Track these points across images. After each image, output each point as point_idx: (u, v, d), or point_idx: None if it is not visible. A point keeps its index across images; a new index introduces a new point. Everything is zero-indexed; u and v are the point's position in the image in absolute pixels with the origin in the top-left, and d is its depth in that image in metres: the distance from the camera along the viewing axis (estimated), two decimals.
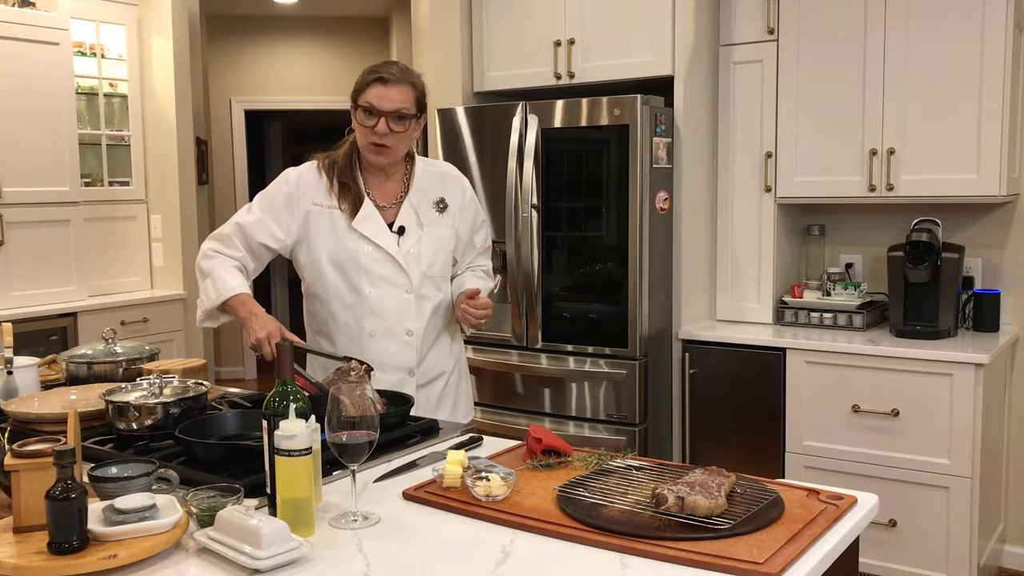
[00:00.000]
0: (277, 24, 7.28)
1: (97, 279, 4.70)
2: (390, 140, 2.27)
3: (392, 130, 2.26)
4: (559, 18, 3.78)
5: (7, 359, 2.29)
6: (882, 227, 3.75)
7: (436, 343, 2.45)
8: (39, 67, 4.30)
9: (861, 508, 1.61)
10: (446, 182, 2.46)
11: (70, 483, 1.38)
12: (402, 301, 2.35)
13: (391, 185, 2.39)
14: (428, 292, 2.39)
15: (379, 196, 2.37)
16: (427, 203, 2.40)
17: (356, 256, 2.33)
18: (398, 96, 2.26)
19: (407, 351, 2.37)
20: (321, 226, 2.34)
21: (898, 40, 3.36)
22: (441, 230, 2.41)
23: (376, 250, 2.32)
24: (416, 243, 2.36)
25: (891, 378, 3.22)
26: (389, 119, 2.25)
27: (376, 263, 2.33)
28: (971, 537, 3.13)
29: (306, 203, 2.35)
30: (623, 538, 1.44)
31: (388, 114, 2.24)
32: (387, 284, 2.34)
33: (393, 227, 2.35)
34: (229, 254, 2.37)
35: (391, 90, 2.26)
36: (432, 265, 2.38)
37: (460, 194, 2.47)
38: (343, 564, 1.40)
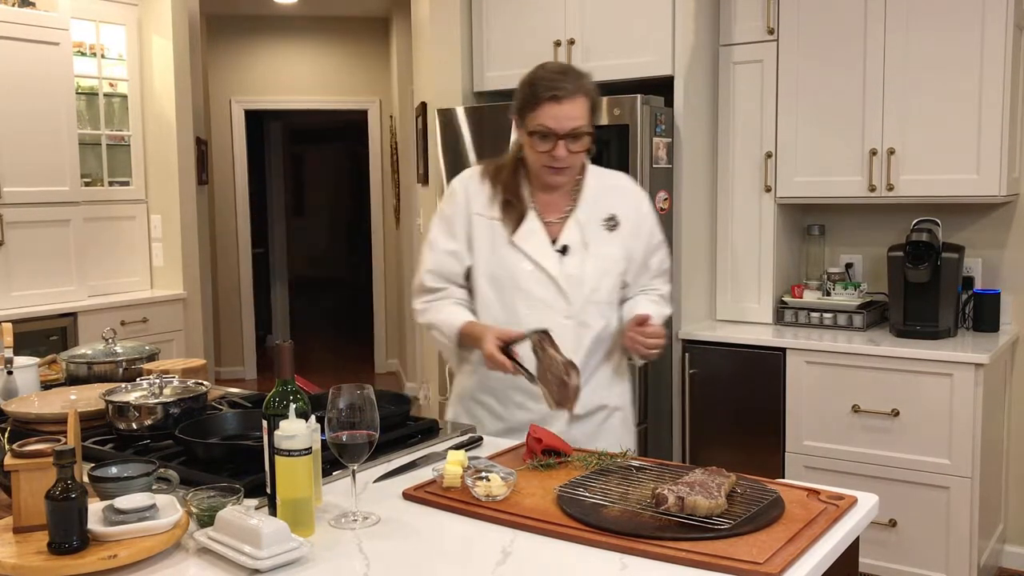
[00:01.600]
0: (277, 24, 7.28)
1: (97, 279, 4.70)
2: (568, 161, 2.06)
3: (571, 151, 2.04)
4: (559, 18, 3.78)
5: (7, 359, 2.29)
6: (882, 227, 3.75)
7: (596, 374, 2.19)
8: (39, 67, 4.30)
9: (861, 508, 1.61)
10: (619, 196, 2.21)
11: (70, 483, 1.38)
12: (560, 327, 2.07)
13: (559, 198, 2.16)
14: (590, 319, 2.15)
15: (545, 210, 2.15)
16: (596, 220, 2.15)
17: (514, 274, 2.12)
18: (575, 112, 2.02)
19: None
20: (482, 238, 2.15)
21: (898, 40, 3.36)
22: (609, 250, 2.16)
23: (536, 269, 2.11)
24: (580, 264, 2.12)
25: (891, 378, 3.22)
26: (567, 141, 2.02)
27: (535, 283, 2.12)
28: (971, 537, 3.13)
29: (470, 213, 2.17)
30: (623, 538, 1.44)
31: (565, 136, 2.02)
32: (545, 307, 2.11)
33: (556, 245, 2.13)
34: (435, 297, 2.20)
35: (566, 107, 2.01)
36: (596, 290, 2.14)
37: (634, 210, 2.21)
38: (343, 564, 1.40)
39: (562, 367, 1.82)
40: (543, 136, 2.03)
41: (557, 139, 2.02)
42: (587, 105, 2.04)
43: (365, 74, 7.47)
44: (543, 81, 2.04)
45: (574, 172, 2.13)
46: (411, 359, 6.59)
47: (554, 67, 2.10)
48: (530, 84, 2.07)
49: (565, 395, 1.66)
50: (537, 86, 2.05)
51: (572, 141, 2.03)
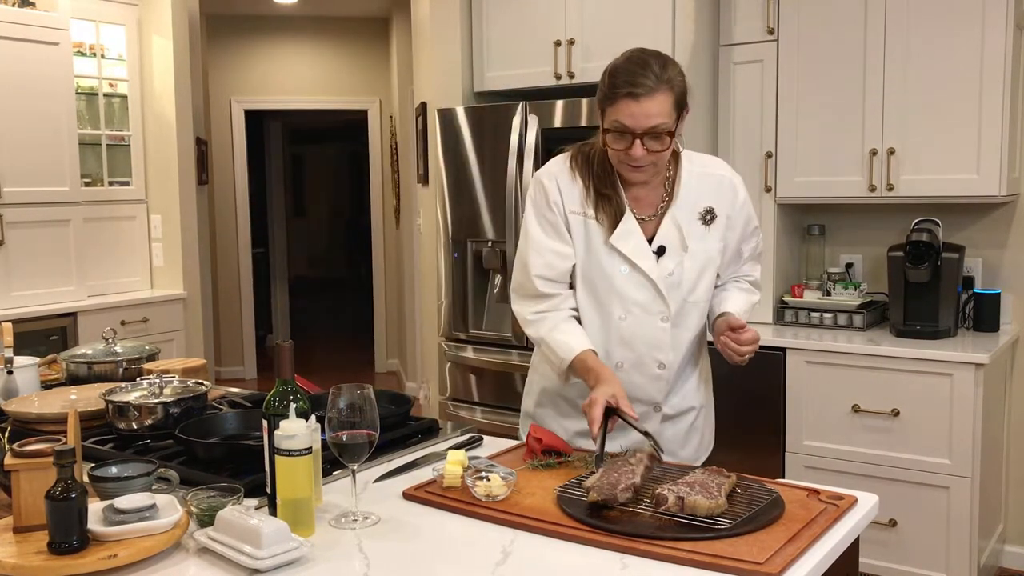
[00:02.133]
0: (277, 24, 7.28)
1: (97, 279, 4.70)
2: (648, 159, 1.91)
3: (649, 151, 1.89)
4: (559, 18, 3.78)
5: (7, 359, 2.29)
6: (882, 227, 3.75)
7: (684, 374, 2.13)
8: (39, 67, 4.30)
9: (861, 508, 1.61)
10: (715, 186, 2.06)
11: (70, 483, 1.38)
12: (658, 331, 2.02)
13: (652, 193, 2.03)
14: (688, 321, 2.06)
15: (638, 206, 2.02)
16: (693, 215, 2.02)
17: (611, 276, 2.01)
18: (654, 110, 1.86)
19: (657, 384, 2.07)
20: (577, 238, 2.03)
21: (898, 40, 3.36)
22: (707, 246, 2.03)
23: (634, 271, 2.00)
24: (678, 265, 2.01)
25: (891, 378, 3.22)
26: (644, 139, 1.88)
27: (633, 286, 2.00)
28: (971, 537, 3.13)
29: (565, 211, 2.04)
30: (623, 538, 1.44)
31: (642, 135, 1.87)
32: (642, 311, 2.01)
33: (653, 244, 2.01)
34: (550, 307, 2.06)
35: (644, 105, 1.85)
36: (695, 290, 2.04)
37: (731, 200, 2.07)
38: (343, 564, 1.40)
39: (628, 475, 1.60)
40: (620, 134, 1.89)
41: (634, 138, 1.88)
42: (670, 101, 1.88)
43: (365, 74, 7.47)
44: (622, 75, 1.88)
45: (657, 170, 1.98)
46: (411, 359, 6.59)
47: (637, 58, 1.91)
48: (610, 75, 1.92)
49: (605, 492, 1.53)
50: (616, 79, 1.89)
51: (652, 139, 1.88)
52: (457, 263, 3.83)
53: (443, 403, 3.95)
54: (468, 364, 3.85)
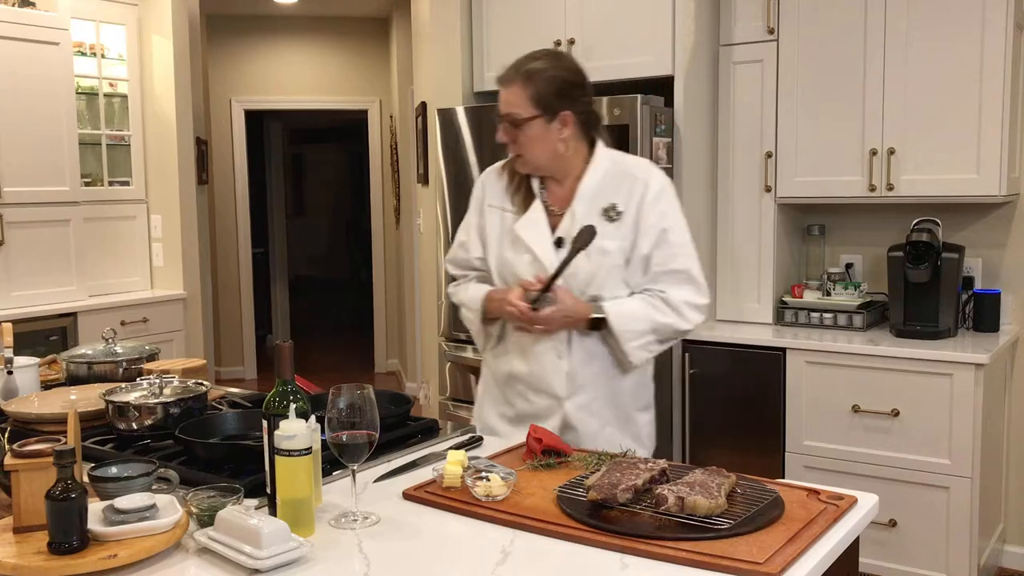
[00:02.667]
0: (277, 24, 7.28)
1: (97, 279, 4.70)
2: (514, 148, 2.07)
3: (509, 136, 2.06)
4: (559, 18, 3.78)
5: (7, 359, 2.29)
6: (882, 227, 3.75)
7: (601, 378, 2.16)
8: (39, 67, 4.30)
9: (861, 508, 1.61)
10: (625, 184, 2.11)
11: (70, 483, 1.38)
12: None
13: (564, 190, 2.13)
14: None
15: (554, 200, 2.14)
16: (595, 211, 2.09)
17: (515, 264, 2.12)
18: (507, 98, 2.05)
19: (556, 377, 2.12)
20: (493, 229, 2.18)
21: (898, 40, 3.36)
22: (607, 243, 2.06)
23: (535, 261, 2.09)
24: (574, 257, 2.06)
25: (891, 378, 3.22)
26: (505, 125, 2.06)
27: (533, 274, 2.08)
28: (971, 537, 3.13)
29: (484, 205, 2.22)
30: (623, 538, 1.44)
31: (503, 120, 2.06)
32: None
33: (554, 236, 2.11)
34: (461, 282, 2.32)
35: (503, 92, 2.06)
36: (590, 284, 2.07)
37: (638, 198, 2.10)
38: (343, 564, 1.40)
39: (629, 476, 1.62)
40: (499, 119, 2.08)
41: (499, 121, 2.07)
42: (523, 93, 2.02)
43: (365, 74, 7.47)
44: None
45: (531, 161, 2.09)
46: (411, 359, 6.59)
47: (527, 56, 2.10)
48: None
49: (605, 492, 1.56)
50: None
51: (510, 126, 2.05)
52: None
53: (443, 403, 3.95)
54: (468, 364, 3.84)
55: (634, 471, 1.60)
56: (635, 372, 2.23)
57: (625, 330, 2.08)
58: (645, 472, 1.61)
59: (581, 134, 2.11)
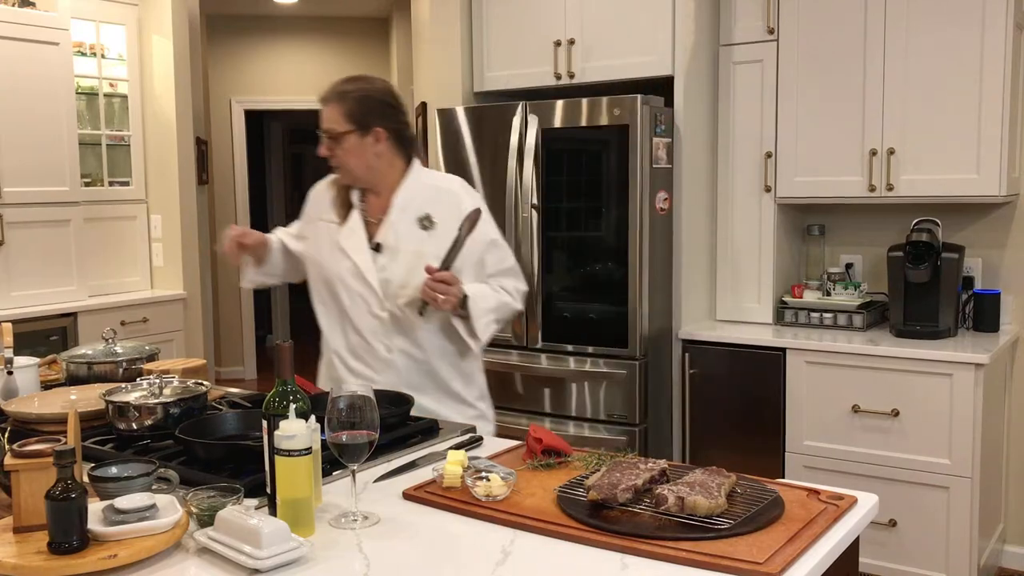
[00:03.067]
0: (277, 24, 7.28)
1: (97, 279, 4.70)
2: (334, 161, 2.32)
3: (330, 151, 2.31)
4: (559, 18, 3.78)
5: (7, 359, 2.29)
6: (882, 227, 3.75)
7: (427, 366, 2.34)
8: (39, 67, 4.30)
9: (861, 508, 1.61)
10: (440, 197, 2.35)
11: (70, 483, 1.38)
12: (374, 320, 2.31)
13: (381, 201, 2.35)
14: (407, 315, 2.29)
15: (372, 210, 2.36)
16: (410, 220, 2.32)
17: (339, 271, 2.34)
18: (326, 115, 2.30)
19: (390, 371, 2.31)
20: (320, 240, 2.40)
21: (898, 40, 3.36)
22: (422, 248, 2.28)
23: (354, 267, 2.32)
24: (390, 262, 2.30)
25: (891, 378, 3.22)
26: (326, 140, 2.30)
27: (354, 279, 2.32)
28: (971, 537, 3.13)
29: (317, 218, 2.43)
30: (623, 538, 1.44)
31: (323, 134, 2.30)
32: (362, 300, 2.32)
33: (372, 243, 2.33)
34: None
35: (323, 110, 2.32)
36: (405, 287, 2.28)
37: (454, 210, 2.30)
38: (343, 564, 1.40)
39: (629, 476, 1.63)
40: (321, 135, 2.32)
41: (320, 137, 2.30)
42: (341, 110, 2.28)
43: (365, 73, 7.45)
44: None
45: (350, 173, 2.32)
46: None
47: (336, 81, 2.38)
48: None
49: (605, 492, 1.58)
50: None
51: (330, 141, 2.29)
52: None
53: None
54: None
55: (634, 471, 1.60)
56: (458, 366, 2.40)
57: (480, 308, 2.29)
58: (645, 472, 1.61)
59: (396, 150, 2.34)
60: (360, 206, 2.36)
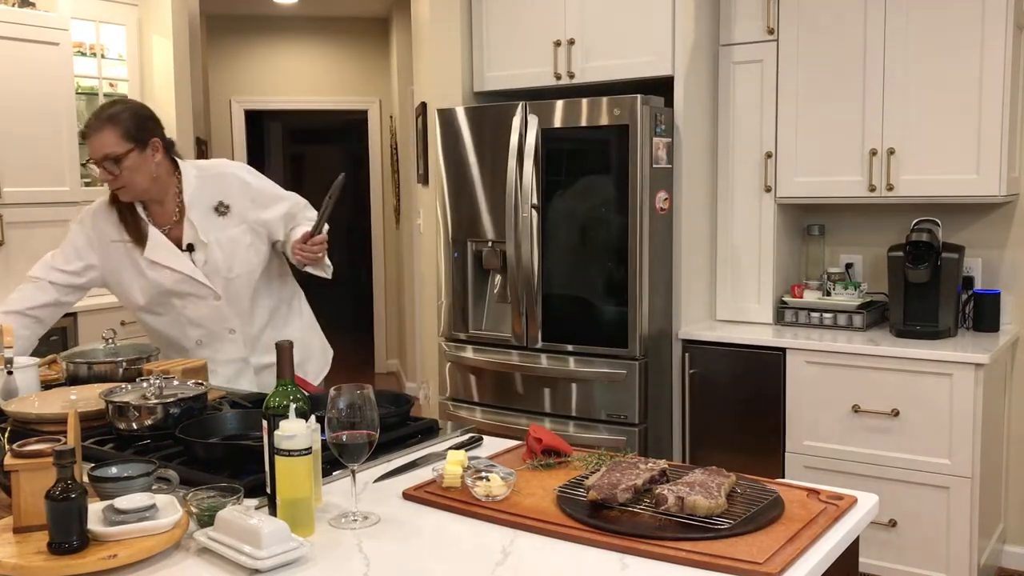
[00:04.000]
0: (277, 24, 7.28)
1: None
2: (116, 182, 2.37)
3: (111, 173, 2.35)
4: (559, 18, 3.78)
5: (7, 359, 2.29)
6: (882, 227, 3.75)
7: (271, 322, 2.62)
8: (39, 67, 4.30)
9: (861, 508, 1.61)
10: (221, 182, 2.51)
11: (70, 483, 1.38)
12: (213, 308, 2.50)
13: (167, 206, 2.47)
14: (239, 290, 2.52)
15: (160, 219, 2.48)
16: (206, 212, 2.47)
17: (160, 282, 2.46)
18: (100, 143, 2.34)
19: (235, 346, 2.56)
20: (122, 263, 2.48)
21: (898, 40, 3.35)
22: (229, 233, 2.48)
23: (174, 273, 2.45)
24: (208, 254, 2.46)
25: (891, 378, 3.22)
26: (103, 166, 2.35)
27: (180, 283, 2.46)
28: (971, 537, 3.13)
29: (105, 242, 2.49)
30: (623, 538, 1.44)
31: (101, 161, 2.34)
32: (196, 298, 2.48)
33: (182, 246, 2.46)
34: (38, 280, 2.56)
35: (93, 140, 2.35)
36: (231, 268, 2.48)
37: (239, 188, 2.51)
38: (343, 564, 1.40)
39: (629, 476, 1.64)
40: (96, 164, 2.36)
41: (97, 164, 2.35)
42: (115, 132, 2.33)
43: (365, 74, 7.47)
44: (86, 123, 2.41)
45: (135, 189, 2.40)
46: (411, 359, 6.59)
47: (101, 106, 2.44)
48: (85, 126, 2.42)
49: (605, 492, 1.58)
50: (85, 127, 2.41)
51: (111, 164, 2.34)
52: (457, 263, 3.83)
53: (443, 403, 3.95)
54: (468, 364, 3.85)
55: (634, 471, 1.61)
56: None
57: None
58: (645, 472, 1.61)
59: (167, 156, 2.46)
60: (148, 219, 2.47)
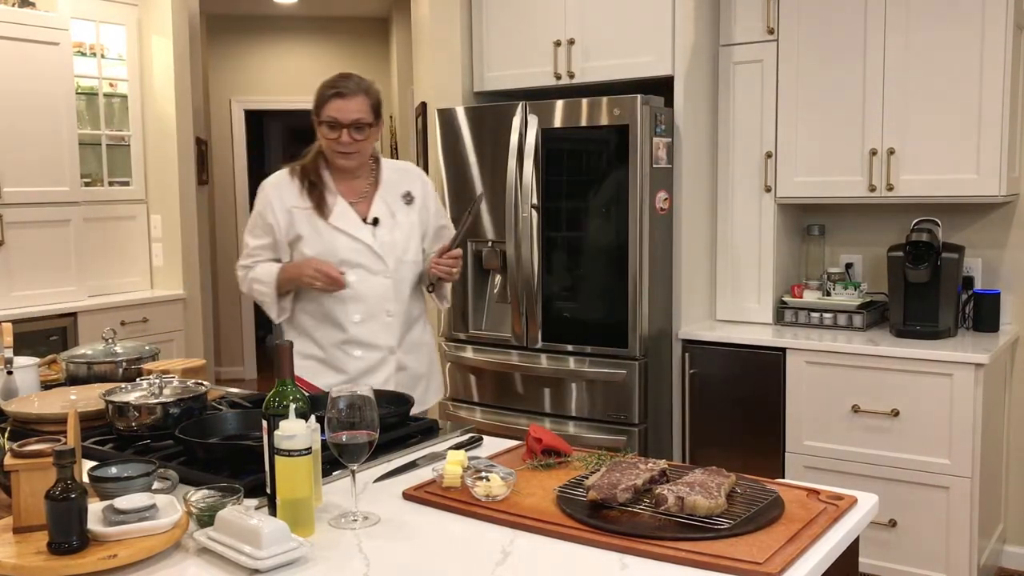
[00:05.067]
0: (277, 24, 7.27)
1: (97, 279, 4.70)
2: (353, 147, 2.51)
3: (354, 139, 2.49)
4: (559, 18, 3.78)
5: (7, 359, 2.29)
6: (882, 227, 3.75)
7: (416, 323, 2.70)
8: (39, 67, 4.30)
9: (861, 508, 1.61)
10: (408, 177, 2.70)
11: (70, 483, 1.38)
12: (382, 286, 2.57)
13: (358, 183, 2.61)
14: (405, 275, 2.62)
15: (348, 194, 2.59)
16: (395, 196, 2.64)
17: (334, 248, 2.54)
18: (355, 107, 2.49)
19: (389, 331, 2.60)
20: (303, 225, 2.56)
21: (898, 40, 3.36)
22: (411, 219, 2.65)
23: (354, 242, 2.54)
24: (390, 231, 2.59)
25: (891, 378, 3.22)
26: (350, 130, 2.48)
27: (356, 254, 2.54)
28: (971, 537, 3.13)
29: (287, 208, 2.57)
30: (623, 538, 1.44)
31: (348, 125, 2.47)
32: (367, 272, 2.55)
33: (367, 220, 2.57)
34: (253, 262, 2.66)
35: (349, 102, 2.49)
36: (406, 251, 2.62)
37: (421, 188, 2.70)
38: (343, 564, 1.40)
39: (629, 476, 1.64)
40: (331, 126, 2.48)
41: (342, 128, 2.47)
42: (368, 103, 2.51)
43: (365, 74, 7.34)
44: (332, 82, 2.53)
45: (363, 158, 2.57)
46: None
47: (346, 75, 2.59)
48: (321, 87, 2.54)
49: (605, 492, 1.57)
50: (326, 87, 2.52)
51: (356, 131, 2.48)
52: None
53: (443, 403, 3.95)
54: (468, 364, 3.85)
55: (634, 471, 1.61)
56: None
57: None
58: (645, 472, 1.61)
59: None
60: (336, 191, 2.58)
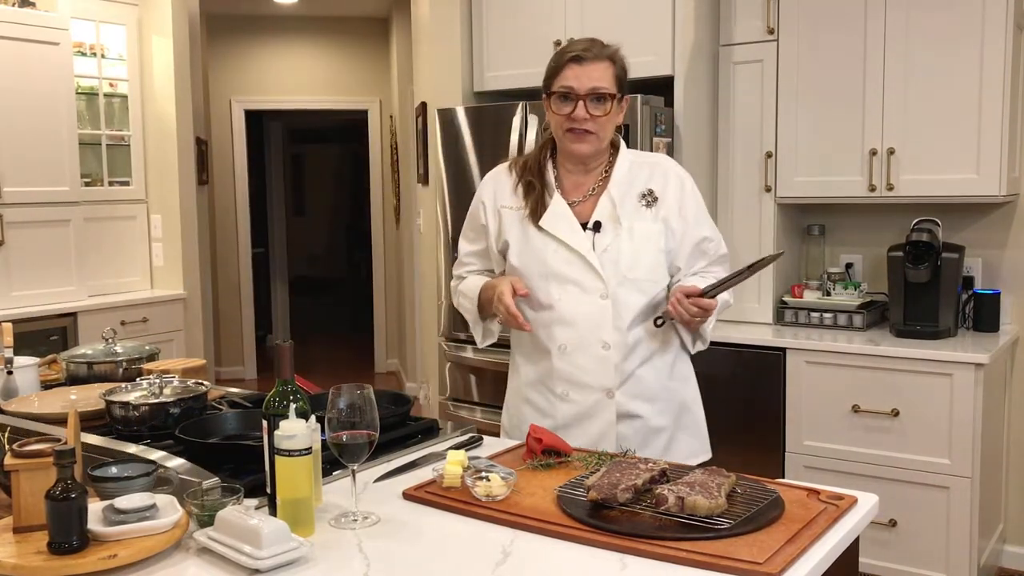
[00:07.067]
0: (277, 24, 7.28)
1: (97, 279, 4.70)
2: (591, 125, 2.01)
3: (591, 114, 2.00)
4: (559, 18, 3.78)
5: (7, 359, 2.29)
6: (882, 227, 3.75)
7: (648, 362, 2.12)
8: (39, 67, 4.30)
9: (861, 508, 1.61)
10: (656, 173, 2.12)
11: (70, 483, 1.38)
12: (596, 308, 2.03)
13: (588, 178, 2.11)
14: (628, 298, 2.05)
15: (571, 191, 2.11)
16: (632, 195, 2.08)
17: (544, 258, 2.06)
18: (595, 73, 2.00)
19: (603, 367, 2.05)
20: (512, 229, 2.12)
21: (898, 40, 3.35)
22: (647, 225, 2.06)
23: (565, 250, 2.05)
24: (614, 239, 2.04)
25: (891, 378, 3.22)
26: (587, 101, 2.00)
27: (567, 266, 2.05)
28: (971, 537, 3.13)
29: (498, 207, 2.16)
30: (623, 538, 1.44)
31: (585, 96, 2.00)
32: (578, 289, 2.04)
33: (588, 224, 2.06)
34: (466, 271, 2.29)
35: (588, 68, 2.00)
36: (634, 266, 2.05)
37: (677, 188, 2.11)
38: (343, 564, 1.40)
39: (629, 476, 1.62)
40: (564, 97, 2.02)
41: (578, 99, 2.00)
42: (612, 70, 2.03)
43: (365, 74, 7.46)
44: (566, 47, 2.07)
45: (601, 141, 2.06)
46: (411, 359, 6.59)
47: (582, 39, 2.11)
48: (556, 53, 2.09)
49: (605, 492, 1.55)
50: (561, 52, 2.06)
51: (594, 103, 2.01)
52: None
53: (443, 403, 3.95)
54: (468, 364, 3.84)
55: (634, 471, 1.60)
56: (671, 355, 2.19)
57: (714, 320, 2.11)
58: (645, 472, 1.61)
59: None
60: (557, 186, 2.11)
